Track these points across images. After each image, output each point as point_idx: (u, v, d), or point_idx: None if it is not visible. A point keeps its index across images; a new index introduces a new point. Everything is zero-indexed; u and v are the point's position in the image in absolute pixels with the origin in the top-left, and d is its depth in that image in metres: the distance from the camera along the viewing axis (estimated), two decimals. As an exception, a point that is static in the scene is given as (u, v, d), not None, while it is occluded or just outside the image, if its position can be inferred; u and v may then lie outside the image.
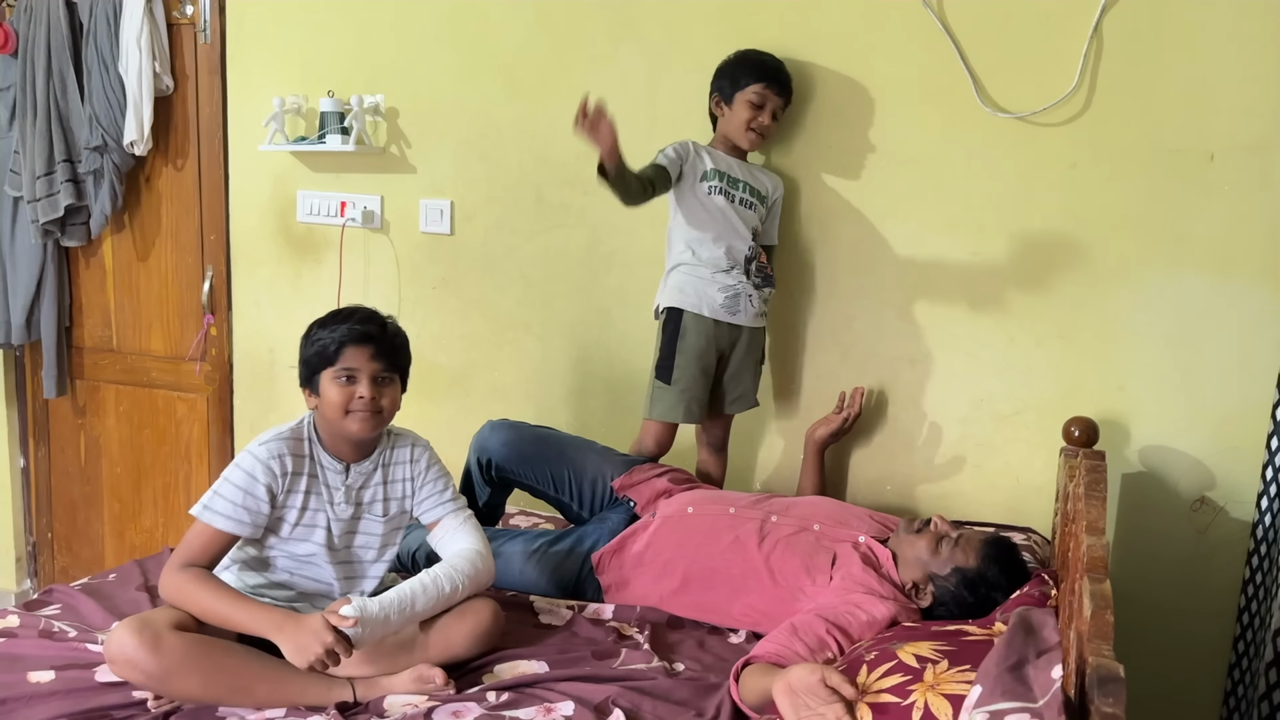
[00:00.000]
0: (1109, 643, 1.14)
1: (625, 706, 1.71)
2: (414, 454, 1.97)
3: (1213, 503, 2.28)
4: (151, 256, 3.23)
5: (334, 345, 1.82)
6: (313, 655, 1.66)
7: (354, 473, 1.90)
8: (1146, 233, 2.26)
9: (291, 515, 1.86)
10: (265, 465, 1.81)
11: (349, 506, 1.90)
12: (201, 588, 1.75)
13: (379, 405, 1.84)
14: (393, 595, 1.77)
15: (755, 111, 2.32)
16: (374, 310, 1.91)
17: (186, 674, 1.67)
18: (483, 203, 2.76)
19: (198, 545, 1.80)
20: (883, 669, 1.48)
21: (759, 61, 2.34)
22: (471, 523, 1.98)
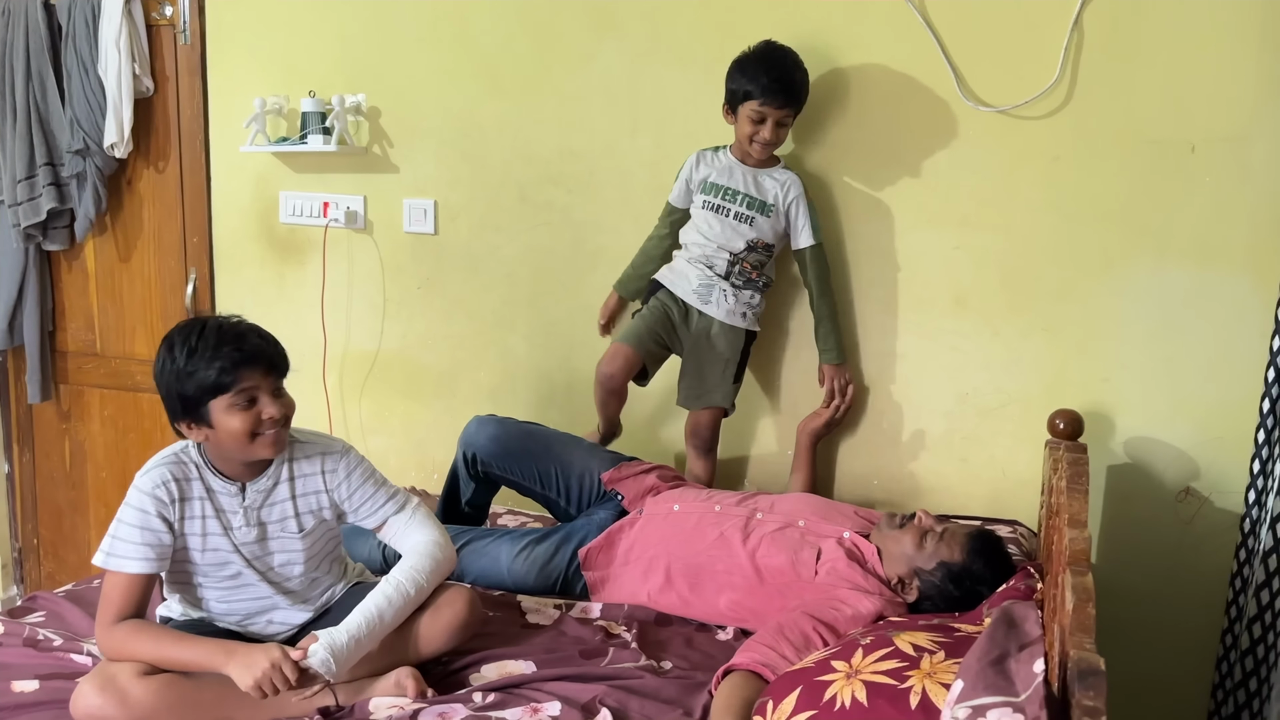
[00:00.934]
0: (1091, 636, 1.14)
1: (612, 705, 1.71)
2: (326, 464, 1.83)
3: (1198, 493, 2.29)
4: (134, 259, 3.21)
5: (224, 373, 1.65)
6: (259, 670, 1.59)
7: (250, 492, 1.77)
8: (1129, 225, 2.26)
9: (195, 542, 1.75)
10: (152, 496, 1.71)
11: (252, 528, 1.78)
12: (140, 639, 1.67)
13: (286, 418, 1.74)
14: (358, 618, 1.72)
15: (756, 126, 2.27)
16: (228, 320, 1.75)
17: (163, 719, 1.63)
18: (466, 202, 2.75)
19: (116, 596, 1.70)
20: (879, 653, 1.49)
21: (758, 73, 2.24)
22: (420, 514, 1.89)
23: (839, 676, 1.47)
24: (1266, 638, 2.05)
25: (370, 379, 2.93)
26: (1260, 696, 2.06)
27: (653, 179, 2.58)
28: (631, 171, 2.59)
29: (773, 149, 2.33)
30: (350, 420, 2.95)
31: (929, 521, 1.96)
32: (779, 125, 2.27)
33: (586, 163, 2.63)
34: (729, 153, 2.38)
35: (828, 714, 1.42)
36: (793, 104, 2.27)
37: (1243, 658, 2.10)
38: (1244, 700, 2.10)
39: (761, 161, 2.37)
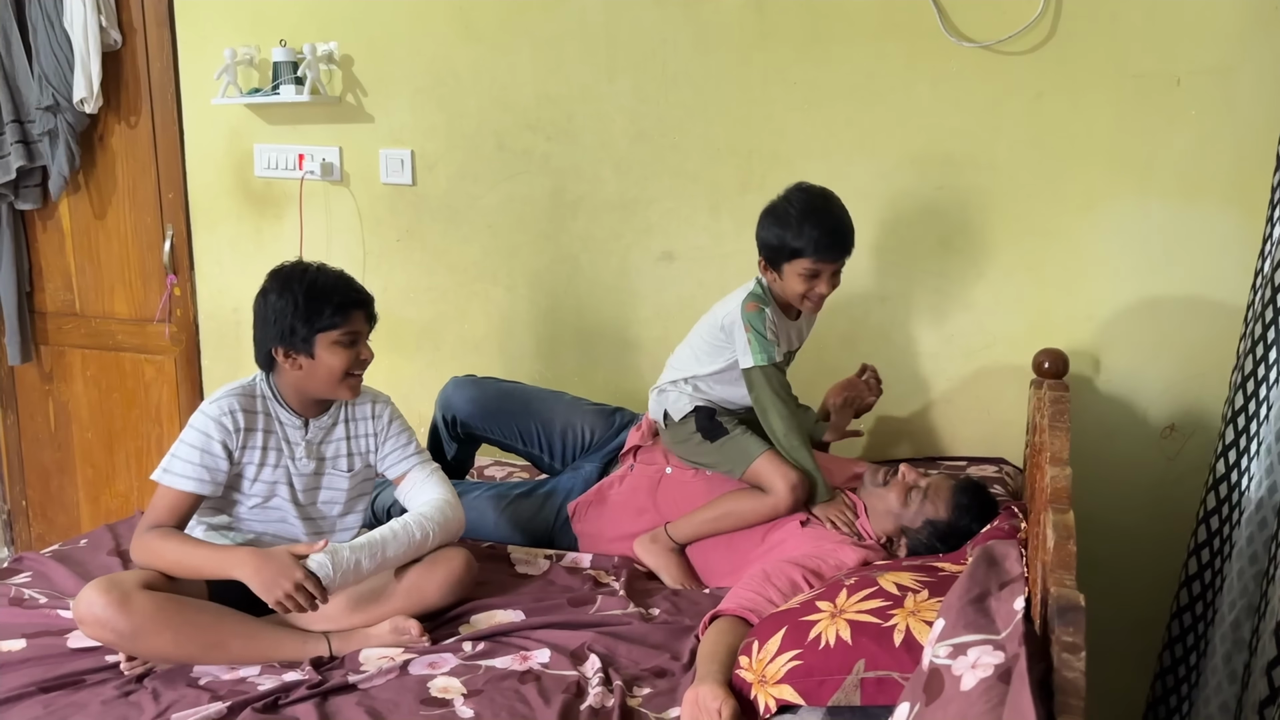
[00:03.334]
0: (1071, 572, 1.14)
1: (601, 652, 1.72)
2: (375, 409, 1.97)
3: (1182, 430, 2.30)
4: (109, 217, 3.16)
5: (341, 309, 1.80)
6: (280, 591, 1.66)
7: (313, 427, 1.90)
8: (1113, 160, 2.24)
9: (250, 471, 1.85)
10: (217, 422, 1.81)
11: (311, 461, 1.90)
12: (168, 542, 1.76)
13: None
14: (363, 541, 1.78)
15: (810, 283, 1.96)
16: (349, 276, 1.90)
17: (157, 632, 1.67)
18: (443, 151, 2.71)
19: (163, 507, 1.80)
20: (863, 593, 1.50)
21: (806, 228, 1.92)
22: (439, 474, 1.98)
23: (823, 616, 1.48)
24: (1213, 563, 2.06)
25: (353, 333, 2.90)
26: (1205, 620, 2.08)
27: (631, 124, 2.54)
28: (610, 117, 2.55)
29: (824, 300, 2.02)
30: (334, 375, 2.93)
31: (912, 476, 1.96)
32: (834, 275, 1.98)
33: (564, 108, 2.59)
34: (775, 306, 2.03)
35: (812, 653, 1.43)
36: (849, 252, 1.98)
37: (1189, 582, 2.12)
38: (1189, 623, 2.12)
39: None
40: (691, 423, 2.07)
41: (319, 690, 1.61)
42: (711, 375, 2.07)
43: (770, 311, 2.00)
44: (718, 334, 2.05)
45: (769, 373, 1.98)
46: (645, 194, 2.57)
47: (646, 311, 2.63)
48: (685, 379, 2.10)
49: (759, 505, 1.99)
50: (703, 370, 2.08)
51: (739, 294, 2.04)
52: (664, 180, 2.54)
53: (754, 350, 1.97)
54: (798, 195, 1.98)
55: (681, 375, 2.11)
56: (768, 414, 1.99)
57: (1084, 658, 0.99)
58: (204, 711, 1.54)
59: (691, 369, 2.10)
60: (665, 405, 2.12)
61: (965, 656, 1.07)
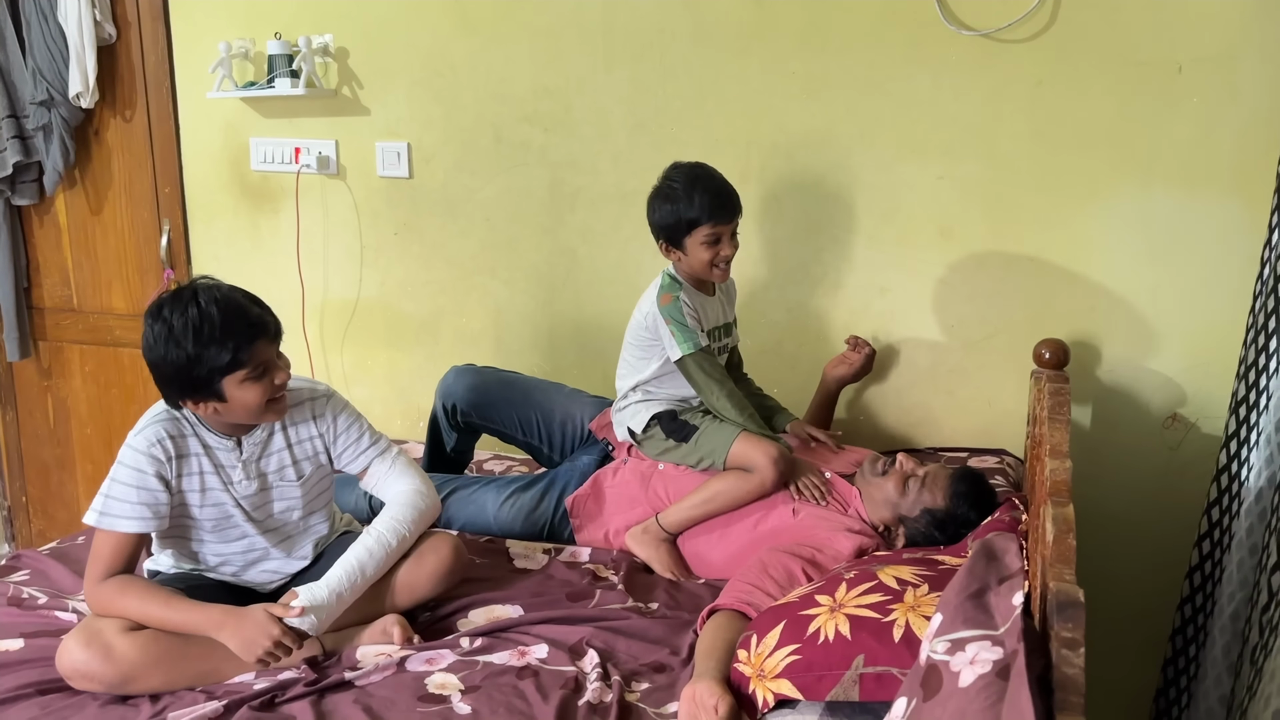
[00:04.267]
0: (1071, 567, 1.13)
1: (599, 647, 1.71)
2: (315, 410, 1.83)
3: (1184, 420, 2.28)
4: (106, 212, 3.15)
5: (239, 350, 1.62)
6: (260, 650, 1.62)
7: (248, 446, 1.77)
8: (1115, 149, 2.22)
9: (194, 498, 1.75)
10: (148, 455, 1.69)
11: (252, 481, 1.78)
12: (128, 596, 1.66)
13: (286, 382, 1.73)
14: (339, 572, 1.72)
15: (714, 249, 2.02)
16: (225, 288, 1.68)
17: (147, 673, 1.62)
18: (440, 144, 2.69)
19: (108, 554, 1.69)
20: (862, 587, 1.49)
21: (693, 196, 1.99)
22: (401, 461, 1.89)
23: (823, 610, 1.47)
24: (1214, 554, 2.05)
25: (351, 328, 2.89)
26: (1205, 612, 2.07)
27: (629, 115, 2.52)
28: (608, 108, 2.53)
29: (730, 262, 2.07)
30: (333, 370, 2.92)
31: (910, 466, 1.95)
32: (733, 236, 2.04)
33: (562, 100, 2.57)
34: (689, 288, 2.08)
35: (811, 647, 1.42)
36: (739, 211, 2.05)
37: (1191, 573, 2.11)
38: (1190, 615, 2.11)
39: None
40: (658, 430, 2.10)
41: (315, 688, 1.61)
42: (654, 377, 2.11)
43: (684, 296, 2.04)
44: (644, 334, 2.09)
45: (698, 359, 2.02)
46: (644, 186, 2.49)
47: (645, 304, 2.61)
48: (632, 388, 2.13)
49: (746, 483, 1.99)
50: (644, 375, 2.11)
51: (649, 293, 2.09)
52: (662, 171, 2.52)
53: (679, 341, 2.02)
54: (676, 172, 2.06)
55: (628, 385, 2.14)
56: (710, 397, 2.03)
57: (1083, 654, 0.97)
58: (199, 711, 1.54)
59: (634, 376, 2.13)
60: (626, 422, 2.15)
61: (963, 652, 1.06)
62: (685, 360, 2.03)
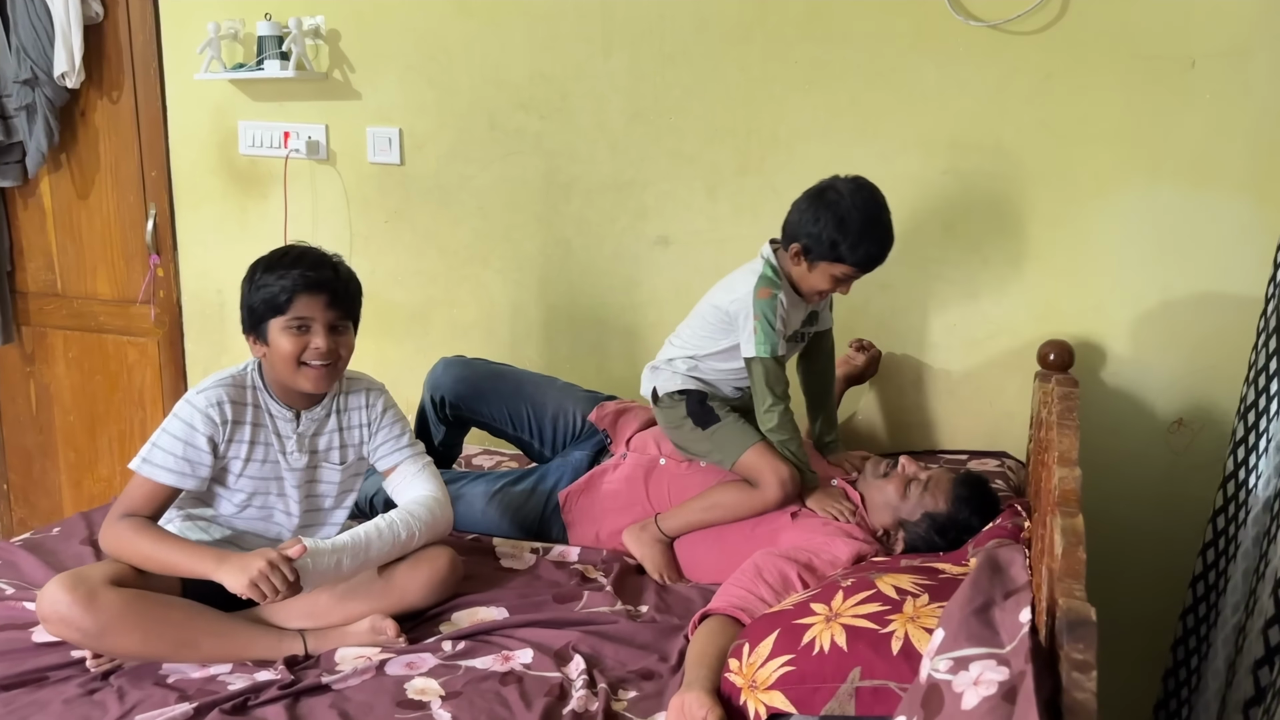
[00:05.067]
0: (1080, 581, 1.07)
1: (585, 652, 1.66)
2: (369, 399, 1.88)
3: (1190, 424, 2.23)
4: (92, 195, 3.08)
5: (284, 293, 1.69)
6: (254, 571, 1.57)
7: (305, 420, 1.82)
8: (1124, 145, 2.16)
9: (236, 466, 1.77)
10: (204, 414, 1.72)
11: (303, 455, 1.81)
12: (140, 534, 1.68)
13: (335, 355, 1.74)
14: (346, 538, 1.70)
15: (837, 285, 1.91)
16: (324, 252, 1.78)
17: (125, 630, 1.60)
18: (433, 130, 2.63)
19: (139, 496, 1.72)
20: (860, 596, 1.44)
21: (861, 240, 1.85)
22: (430, 469, 1.91)
23: (818, 619, 1.42)
24: (1219, 563, 2.00)
25: (339, 317, 2.83)
26: (1208, 622, 2.02)
27: (627, 103, 2.46)
28: (605, 95, 2.47)
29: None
30: (320, 359, 2.86)
31: (912, 469, 1.90)
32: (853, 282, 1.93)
33: (558, 86, 2.50)
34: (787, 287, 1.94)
35: (806, 658, 1.37)
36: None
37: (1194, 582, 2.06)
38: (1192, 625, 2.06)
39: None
40: (682, 406, 2.01)
41: (291, 691, 1.55)
42: (712, 355, 2.01)
43: (782, 295, 1.92)
44: (722, 317, 1.98)
45: (768, 365, 1.91)
46: (641, 176, 2.49)
47: (641, 297, 2.56)
48: (684, 357, 2.03)
49: (748, 498, 1.92)
50: (703, 350, 2.01)
51: (746, 277, 1.95)
52: (660, 162, 2.46)
53: (758, 340, 1.91)
54: (860, 199, 1.86)
55: (682, 354, 2.04)
56: (762, 405, 1.93)
57: (1095, 677, 0.92)
58: (170, 712, 1.48)
59: (692, 347, 2.03)
60: (655, 382, 2.06)
61: (967, 671, 1.00)
62: (755, 362, 1.92)
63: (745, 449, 1.92)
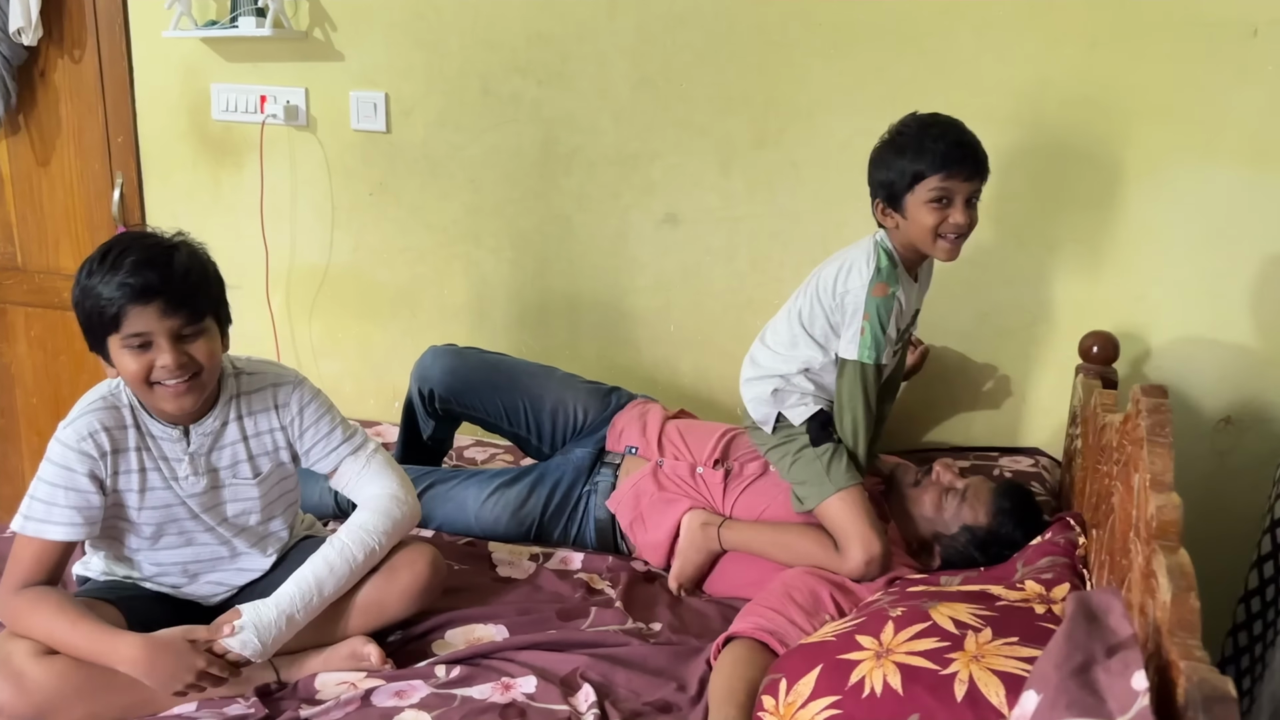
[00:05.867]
0: (1197, 636, 0.91)
1: (595, 680, 1.50)
2: (278, 398, 1.59)
3: (1238, 423, 2.08)
4: (53, 162, 2.87)
5: (111, 305, 1.39)
6: (181, 685, 1.39)
7: (195, 436, 1.53)
8: (1175, 121, 2.00)
9: (132, 499, 1.52)
10: (77, 451, 1.46)
11: (200, 478, 1.54)
12: (38, 613, 1.42)
13: (193, 367, 1.45)
14: (292, 589, 1.49)
15: (942, 211, 1.65)
16: (157, 240, 1.47)
17: (67, 706, 1.40)
18: (422, 95, 2.43)
19: (29, 561, 1.46)
20: (914, 630, 1.27)
21: (926, 143, 1.66)
22: (377, 460, 1.65)
23: (867, 655, 1.26)
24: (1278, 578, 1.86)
25: (320, 297, 2.64)
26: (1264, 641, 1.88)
27: (633, 68, 2.27)
28: (610, 59, 2.28)
29: (966, 237, 1.69)
30: (300, 342, 2.67)
31: (948, 478, 1.75)
32: (969, 202, 1.67)
33: (558, 49, 2.31)
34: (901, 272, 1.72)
35: (854, 701, 1.21)
36: (983, 174, 1.69)
37: (1248, 598, 1.92)
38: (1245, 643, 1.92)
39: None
40: (806, 428, 1.75)
41: (266, 727, 1.38)
42: (827, 363, 1.75)
43: (900, 294, 1.69)
44: (836, 309, 1.72)
45: (868, 372, 1.69)
46: (647, 148, 2.30)
47: (646, 280, 2.38)
48: (801, 370, 1.76)
49: (823, 559, 1.68)
50: (821, 359, 1.75)
51: (859, 260, 1.71)
52: (668, 133, 2.28)
53: (863, 344, 1.68)
54: (911, 119, 1.71)
55: (795, 366, 1.76)
56: (844, 411, 1.71)
57: (1242, 769, 0.76)
58: (128, 757, 1.31)
59: (804, 354, 1.75)
60: (783, 408, 1.77)
61: (1073, 749, 0.84)
62: (853, 365, 1.69)
63: (831, 494, 1.68)
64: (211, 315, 1.48)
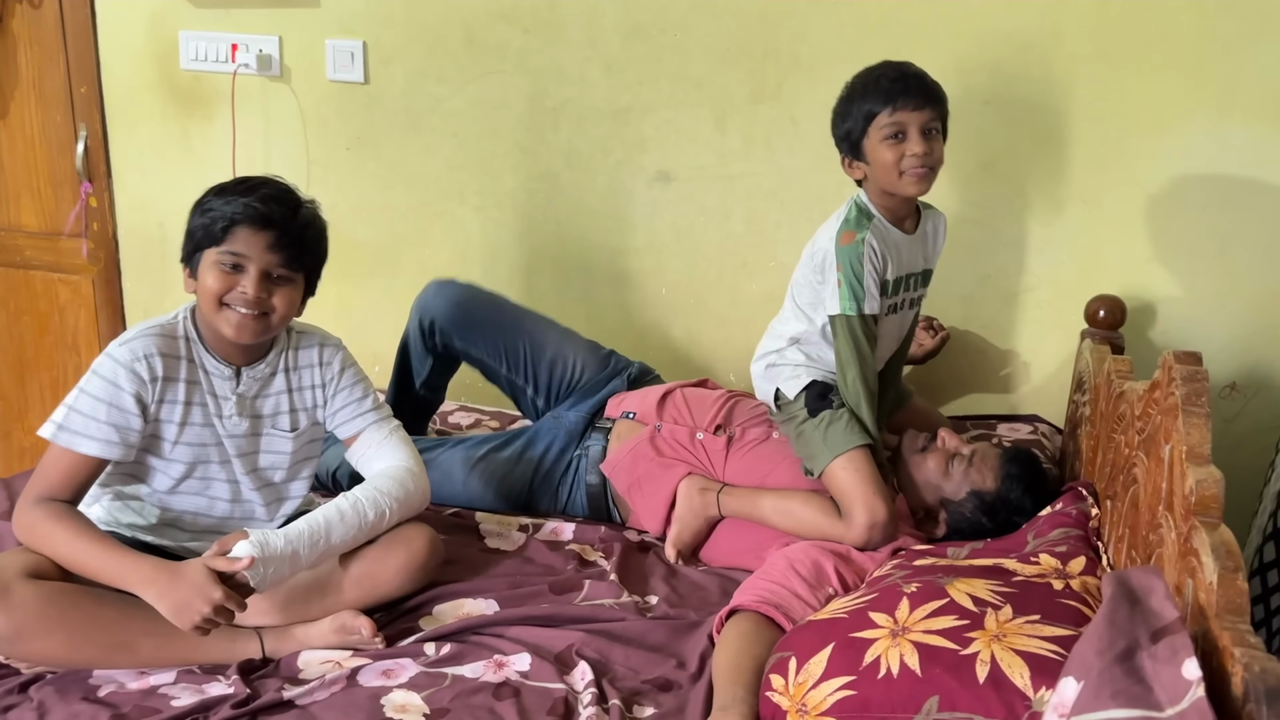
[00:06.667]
0: (1246, 618, 0.86)
1: (591, 657, 1.44)
2: (324, 355, 1.62)
3: (1244, 389, 2.04)
4: (12, 113, 2.74)
5: (223, 220, 1.44)
6: (197, 616, 1.34)
7: (246, 378, 1.55)
8: (1190, 77, 1.93)
9: (170, 431, 1.50)
10: (129, 370, 1.45)
11: (243, 420, 1.55)
12: (57, 527, 1.41)
13: (266, 306, 1.47)
14: (302, 526, 1.45)
15: (898, 147, 1.60)
16: (293, 190, 1.53)
17: (46, 632, 1.36)
18: (401, 43, 2.32)
19: (56, 474, 1.45)
20: (931, 607, 1.22)
21: (874, 84, 1.64)
22: (399, 435, 1.65)
23: (882, 634, 1.20)
24: None
25: (297, 255, 2.54)
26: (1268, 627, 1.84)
27: (625, 17, 2.17)
28: (600, 6, 2.18)
29: (932, 171, 1.63)
30: (275, 303, 2.57)
31: (954, 443, 1.70)
32: (926, 134, 1.61)
33: (546, -4, 2.21)
34: (881, 223, 1.68)
35: (870, 681, 1.15)
36: (933, 102, 1.63)
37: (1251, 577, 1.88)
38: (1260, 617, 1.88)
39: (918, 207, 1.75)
40: (801, 398, 1.70)
41: (246, 709, 1.31)
42: (823, 335, 1.70)
43: (871, 239, 1.63)
44: (813, 275, 1.69)
45: (854, 324, 1.62)
46: (640, 101, 2.21)
47: (637, 240, 2.30)
48: (793, 341, 1.72)
49: (826, 526, 1.63)
50: (810, 327, 1.70)
51: (834, 220, 1.69)
52: (662, 86, 2.19)
53: (842, 296, 1.62)
54: (861, 71, 1.69)
55: (788, 334, 1.73)
56: (844, 370, 1.65)
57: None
58: (101, 740, 1.24)
59: (796, 324, 1.72)
60: (778, 383, 1.73)
61: (1120, 743, 0.78)
62: (838, 320, 1.63)
63: (836, 456, 1.61)
64: (306, 273, 1.53)
